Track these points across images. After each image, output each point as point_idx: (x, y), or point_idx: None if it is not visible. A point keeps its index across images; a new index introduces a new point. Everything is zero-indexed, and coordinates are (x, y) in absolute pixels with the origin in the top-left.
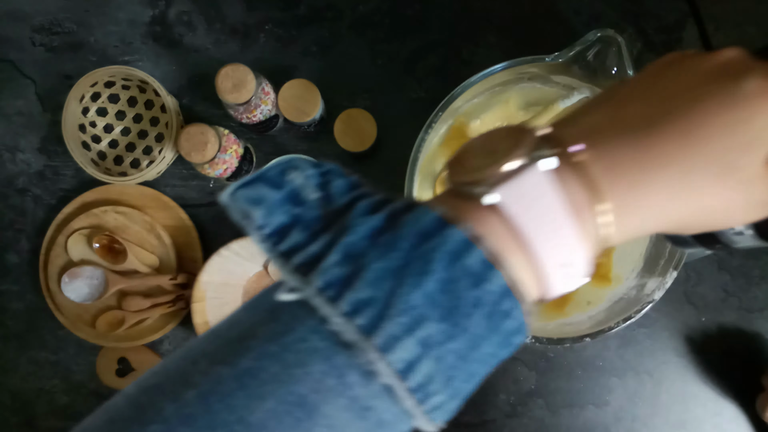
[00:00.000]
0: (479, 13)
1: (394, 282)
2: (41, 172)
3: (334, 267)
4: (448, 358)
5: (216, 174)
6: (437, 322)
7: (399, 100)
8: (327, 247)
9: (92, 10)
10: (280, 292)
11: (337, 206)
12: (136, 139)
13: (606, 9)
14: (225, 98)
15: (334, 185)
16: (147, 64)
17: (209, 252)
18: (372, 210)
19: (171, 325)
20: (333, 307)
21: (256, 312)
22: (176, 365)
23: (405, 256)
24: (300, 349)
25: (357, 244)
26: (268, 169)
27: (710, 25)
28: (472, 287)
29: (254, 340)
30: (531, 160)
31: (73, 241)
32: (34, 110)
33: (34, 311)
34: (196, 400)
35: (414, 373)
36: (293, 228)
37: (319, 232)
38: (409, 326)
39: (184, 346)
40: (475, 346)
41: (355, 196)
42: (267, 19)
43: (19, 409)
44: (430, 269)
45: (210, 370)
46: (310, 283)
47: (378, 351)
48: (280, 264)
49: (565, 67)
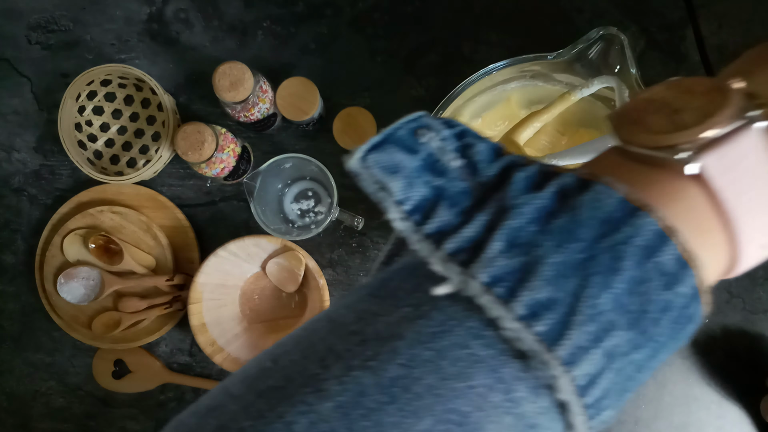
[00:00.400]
0: (481, 10)
1: (579, 281)
2: (37, 172)
3: (500, 257)
4: (628, 370)
5: (213, 173)
6: (625, 330)
7: (399, 99)
8: (486, 230)
9: (88, 8)
10: (427, 283)
11: (486, 177)
12: (133, 138)
13: (609, 7)
14: (222, 96)
15: (476, 150)
16: (144, 62)
17: (206, 253)
18: (534, 185)
19: (168, 326)
20: (506, 310)
21: (393, 304)
22: (297, 363)
23: (588, 249)
24: (459, 357)
25: (524, 230)
26: (396, 129)
27: (713, 23)
28: (664, 289)
29: (400, 340)
30: (745, 122)
31: (69, 242)
32: (30, 109)
33: (29, 312)
34: (335, 415)
35: (594, 388)
36: (438, 204)
37: (471, 210)
38: (597, 335)
39: (294, 336)
40: (655, 355)
41: (506, 164)
42: (265, 16)
43: (14, 411)
44: (619, 267)
45: (347, 375)
46: (472, 276)
47: (562, 364)
48: (426, 249)
49: (568, 65)
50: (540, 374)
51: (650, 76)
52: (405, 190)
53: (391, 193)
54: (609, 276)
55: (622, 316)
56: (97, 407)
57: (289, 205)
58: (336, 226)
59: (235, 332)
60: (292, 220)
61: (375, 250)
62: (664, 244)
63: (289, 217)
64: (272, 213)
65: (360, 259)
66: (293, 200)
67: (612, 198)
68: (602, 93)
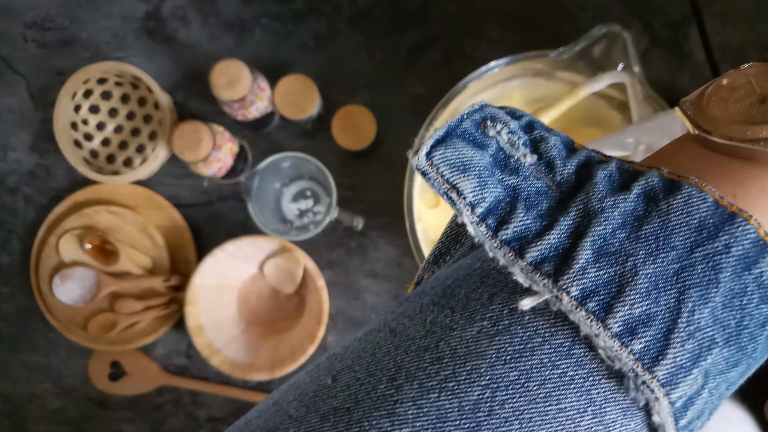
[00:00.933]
0: (482, 6)
1: (676, 294)
2: (32, 171)
3: (590, 268)
4: (721, 388)
5: (210, 173)
6: (722, 347)
7: (399, 97)
8: (572, 238)
9: (85, 6)
10: (503, 294)
11: (565, 175)
12: (129, 137)
13: (611, 4)
14: (219, 95)
15: (550, 145)
16: (140, 60)
17: (203, 253)
18: (618, 185)
19: (164, 328)
20: (602, 326)
21: (467, 316)
22: (362, 381)
23: (683, 259)
24: (548, 377)
25: (614, 237)
26: (460, 120)
27: (717, 21)
28: (763, 302)
29: (481, 359)
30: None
31: (64, 242)
32: (25, 107)
33: (25, 313)
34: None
35: (690, 410)
36: (515, 207)
37: (553, 213)
38: (697, 354)
39: (352, 349)
40: (747, 372)
41: (583, 161)
42: (263, 13)
43: (10, 414)
44: (717, 278)
45: (423, 398)
46: (563, 289)
47: (661, 386)
48: (506, 257)
49: (570, 62)
50: (635, 395)
51: (654, 74)
52: (478, 190)
53: (462, 195)
54: (707, 289)
55: (721, 332)
56: (93, 409)
57: (288, 205)
58: (335, 226)
59: (232, 334)
60: (291, 220)
61: (375, 251)
62: (765, 253)
63: (287, 217)
64: (270, 213)
65: (359, 260)
66: (291, 200)
67: (704, 201)
68: (605, 92)
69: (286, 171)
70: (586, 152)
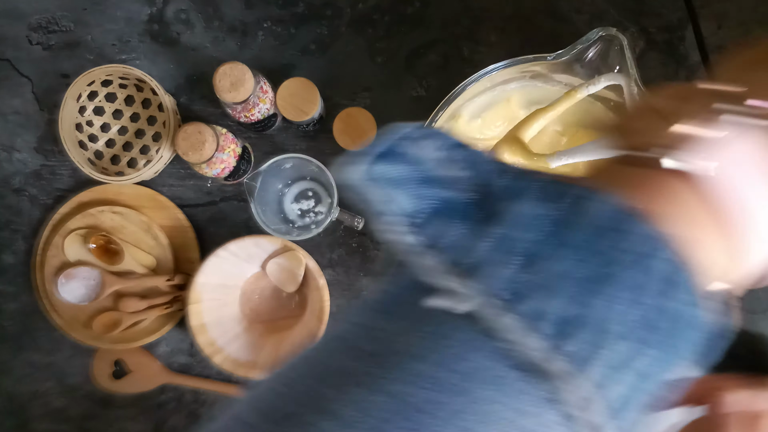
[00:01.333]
0: (480, 11)
1: (602, 295)
2: (38, 172)
3: (519, 273)
4: (652, 387)
5: (213, 174)
6: (652, 347)
7: (399, 99)
8: (500, 245)
9: (89, 8)
10: (438, 300)
11: (496, 188)
12: (133, 139)
13: (608, 7)
14: (223, 97)
15: (482, 161)
16: (144, 62)
17: (206, 253)
18: (544, 196)
19: (168, 326)
20: (532, 329)
21: (407, 322)
22: (311, 387)
23: (605, 262)
24: (486, 379)
25: (542, 243)
26: (398, 139)
27: (713, 24)
28: (660, 296)
29: (422, 363)
30: (737, 121)
31: (69, 242)
32: (30, 109)
33: (29, 312)
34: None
35: (628, 411)
36: (450, 217)
37: (484, 223)
38: (629, 353)
39: (307, 358)
40: (666, 367)
41: (514, 175)
42: (265, 17)
43: (13, 412)
44: (642, 281)
45: (366, 401)
46: (494, 294)
47: (595, 386)
48: (436, 264)
49: (567, 65)
50: (569, 397)
51: (650, 77)
52: (414, 203)
53: (399, 207)
54: (634, 291)
55: (651, 334)
56: (97, 408)
57: (290, 205)
58: (336, 226)
59: (235, 332)
60: (293, 220)
61: (375, 250)
62: (656, 249)
63: (289, 217)
64: (272, 213)
65: (360, 260)
66: (293, 200)
67: (607, 205)
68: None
69: (288, 172)
70: (518, 168)
